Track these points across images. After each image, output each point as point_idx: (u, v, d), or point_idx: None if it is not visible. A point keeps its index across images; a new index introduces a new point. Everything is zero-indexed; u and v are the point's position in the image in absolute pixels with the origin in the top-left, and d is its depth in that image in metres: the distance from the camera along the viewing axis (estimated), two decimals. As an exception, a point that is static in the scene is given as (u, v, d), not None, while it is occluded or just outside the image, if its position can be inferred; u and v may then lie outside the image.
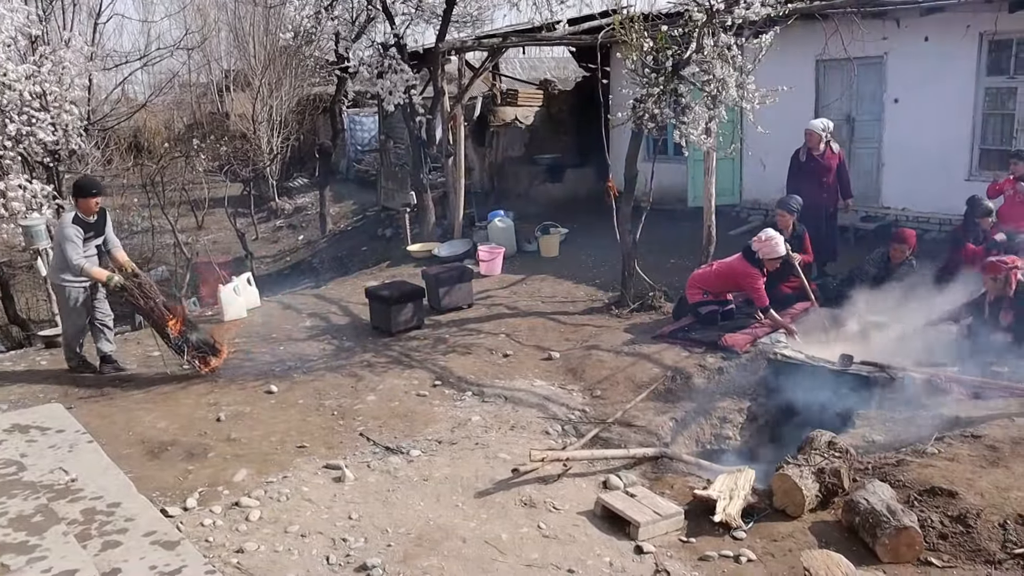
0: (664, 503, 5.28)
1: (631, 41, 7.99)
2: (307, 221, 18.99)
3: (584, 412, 6.97)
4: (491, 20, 17.26)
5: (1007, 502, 5.09)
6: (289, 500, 5.53)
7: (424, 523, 5.24)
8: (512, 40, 13.49)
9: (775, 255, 8.05)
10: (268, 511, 5.38)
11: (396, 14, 12.61)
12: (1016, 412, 6.15)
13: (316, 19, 13.06)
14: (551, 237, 12.16)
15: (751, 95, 8.00)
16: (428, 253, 12.48)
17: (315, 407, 7.18)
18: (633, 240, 9.17)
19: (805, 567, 4.43)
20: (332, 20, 13.11)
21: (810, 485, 5.27)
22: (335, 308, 10.47)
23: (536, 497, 5.52)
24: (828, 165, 9.55)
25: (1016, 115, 10.47)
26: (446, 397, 7.29)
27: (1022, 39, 10.22)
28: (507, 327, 9.02)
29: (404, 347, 8.63)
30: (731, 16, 7.69)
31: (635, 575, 4.74)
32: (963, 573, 4.66)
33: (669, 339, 8.13)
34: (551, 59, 27.84)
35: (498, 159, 15.98)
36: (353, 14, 14.00)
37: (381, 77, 12.20)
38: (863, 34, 10.04)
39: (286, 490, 5.64)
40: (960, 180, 10.75)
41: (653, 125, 8.19)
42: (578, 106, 15.99)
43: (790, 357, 7.51)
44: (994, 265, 6.99)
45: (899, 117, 11.38)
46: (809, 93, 11.99)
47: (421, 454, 6.20)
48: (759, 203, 12.74)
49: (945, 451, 5.77)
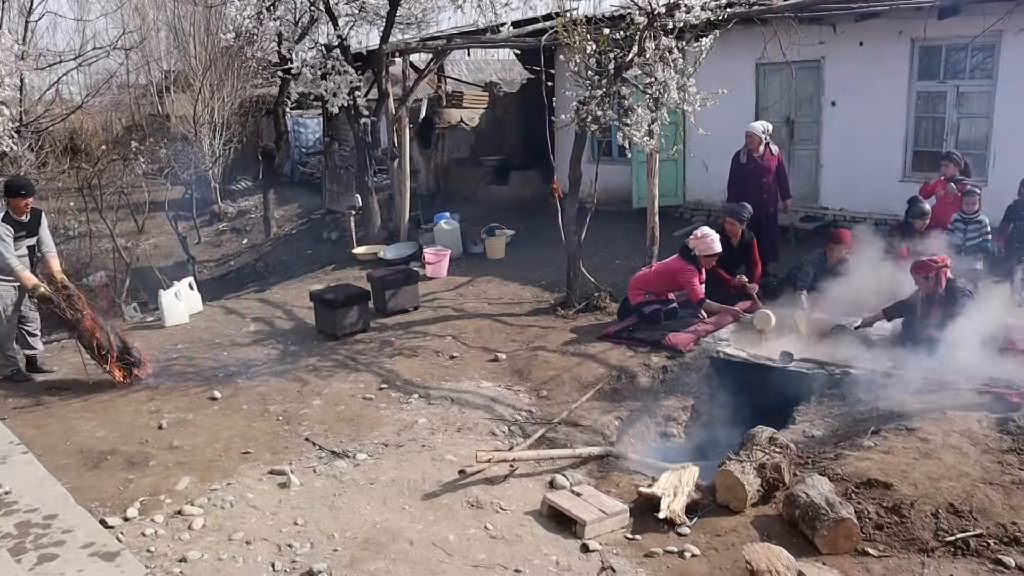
0: (610, 501, 5.33)
1: (574, 44, 8.05)
2: (251, 224, 18.72)
3: (530, 412, 7.00)
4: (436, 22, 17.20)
5: (939, 492, 5.25)
6: (233, 507, 5.46)
7: (371, 527, 5.22)
8: (456, 42, 13.49)
9: (710, 252, 8.20)
10: (212, 519, 5.30)
11: (339, 15, 12.52)
12: (947, 405, 6.34)
13: (258, 19, 12.88)
14: (497, 239, 12.19)
15: (692, 97, 8.11)
16: (374, 256, 12.41)
17: (260, 412, 7.10)
18: (578, 241, 9.24)
19: (747, 560, 4.51)
20: (274, 21, 12.95)
21: (752, 480, 5.38)
22: (280, 312, 10.36)
23: (483, 498, 5.53)
24: (767, 166, 9.75)
25: (946, 118, 10.80)
26: (392, 400, 7.26)
27: (951, 45, 10.55)
28: (453, 329, 9.02)
29: (350, 350, 8.57)
30: (672, 20, 7.80)
31: (581, 573, 4.78)
32: (898, 562, 4.79)
33: (614, 339, 8.21)
34: (497, 61, 27.89)
35: (444, 161, 15.96)
36: (296, 15, 13.84)
37: (325, 79, 12.09)
38: (801, 38, 10.23)
39: (230, 497, 5.57)
40: (895, 181, 11.06)
41: (596, 127, 8.27)
42: (523, 108, 16.05)
43: (732, 355, 7.66)
44: (924, 264, 7.19)
45: (836, 119, 11.65)
46: (750, 96, 12.21)
47: (367, 458, 6.17)
48: (702, 204, 12.93)
49: (881, 444, 5.92)
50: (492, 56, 27.13)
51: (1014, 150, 9.99)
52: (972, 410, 6.22)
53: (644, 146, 8.36)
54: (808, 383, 7.08)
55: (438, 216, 12.86)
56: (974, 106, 10.63)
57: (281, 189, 19.71)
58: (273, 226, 17.59)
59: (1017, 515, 5.08)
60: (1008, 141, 10.12)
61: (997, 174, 10.17)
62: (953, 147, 10.36)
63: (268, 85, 21.73)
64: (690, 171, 12.93)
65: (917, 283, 7.32)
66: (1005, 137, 10.17)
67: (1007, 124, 10.15)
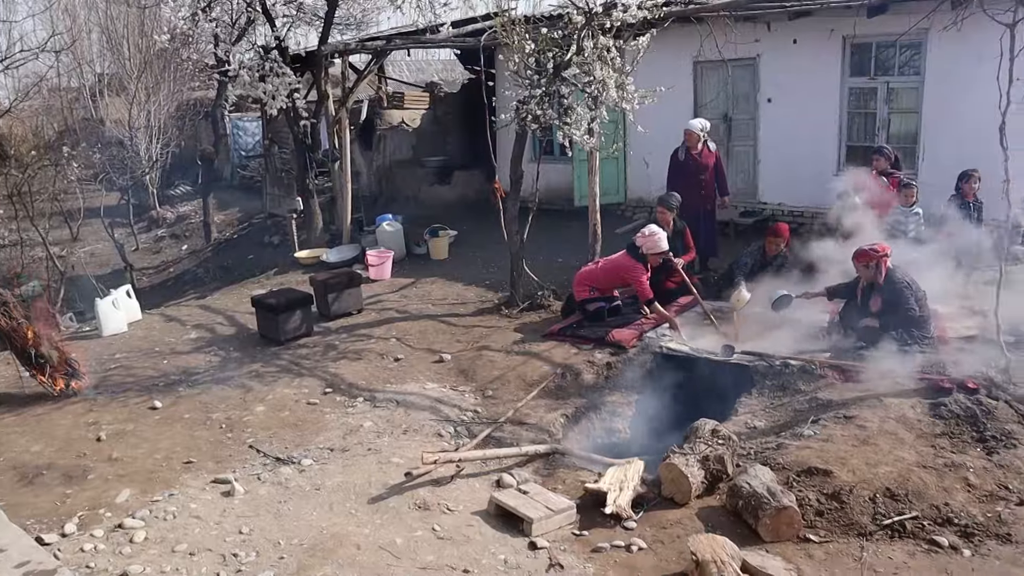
0: (556, 498, 5.37)
1: (513, 43, 8.08)
2: (191, 230, 18.38)
3: (476, 412, 7.01)
4: (376, 23, 17.11)
5: (876, 477, 5.40)
6: (176, 518, 5.38)
7: (317, 532, 5.18)
8: (396, 43, 13.41)
9: (658, 250, 8.29)
10: (154, 531, 5.22)
11: (277, 16, 12.36)
12: (884, 393, 6.52)
13: (193, 21, 12.65)
14: (440, 239, 12.17)
15: (631, 96, 8.19)
16: (316, 259, 12.29)
17: (202, 421, 7.00)
18: (521, 240, 9.27)
19: (692, 552, 4.58)
20: (210, 22, 12.72)
21: (696, 472, 5.46)
22: (221, 318, 10.20)
23: (430, 499, 5.53)
24: (705, 163, 9.90)
25: (877, 114, 11.07)
26: (337, 404, 7.21)
27: (880, 42, 10.82)
28: (398, 331, 8.98)
29: (293, 355, 8.48)
30: (609, 19, 7.86)
31: (530, 571, 4.80)
32: (838, 546, 4.92)
33: (558, 337, 8.25)
34: (438, 61, 27.81)
35: (386, 162, 15.86)
36: (232, 16, 13.62)
37: (263, 81, 11.93)
38: (736, 37, 10.41)
39: (173, 508, 5.49)
40: (829, 175, 11.26)
41: (537, 126, 8.31)
42: (465, 108, 16.01)
43: (675, 350, 7.75)
44: (865, 253, 7.34)
45: (773, 116, 11.87)
46: (688, 93, 12.36)
47: (313, 463, 6.11)
48: (643, 201, 13.05)
49: (820, 433, 6.07)
50: (433, 56, 27.05)
51: (941, 144, 10.29)
52: (906, 397, 6.40)
53: (584, 145, 8.42)
54: (750, 375, 7.21)
55: (381, 218, 12.78)
56: (903, 102, 10.91)
57: (221, 193, 19.41)
58: (213, 231, 17.30)
59: (950, 496, 5.25)
60: (935, 135, 10.42)
61: (926, 167, 10.47)
62: (884, 142, 10.63)
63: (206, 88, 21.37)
64: (631, 169, 13.05)
65: (858, 271, 7.46)
66: (933, 131, 10.47)
67: (934, 119, 10.44)
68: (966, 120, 9.56)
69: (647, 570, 4.77)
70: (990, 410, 6.08)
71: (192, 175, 20.83)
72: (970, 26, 7.58)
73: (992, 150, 6.71)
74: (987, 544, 4.85)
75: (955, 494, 5.28)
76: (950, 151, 9.98)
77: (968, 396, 6.27)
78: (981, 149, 7.92)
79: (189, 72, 20.41)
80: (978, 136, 7.81)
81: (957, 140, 9.90)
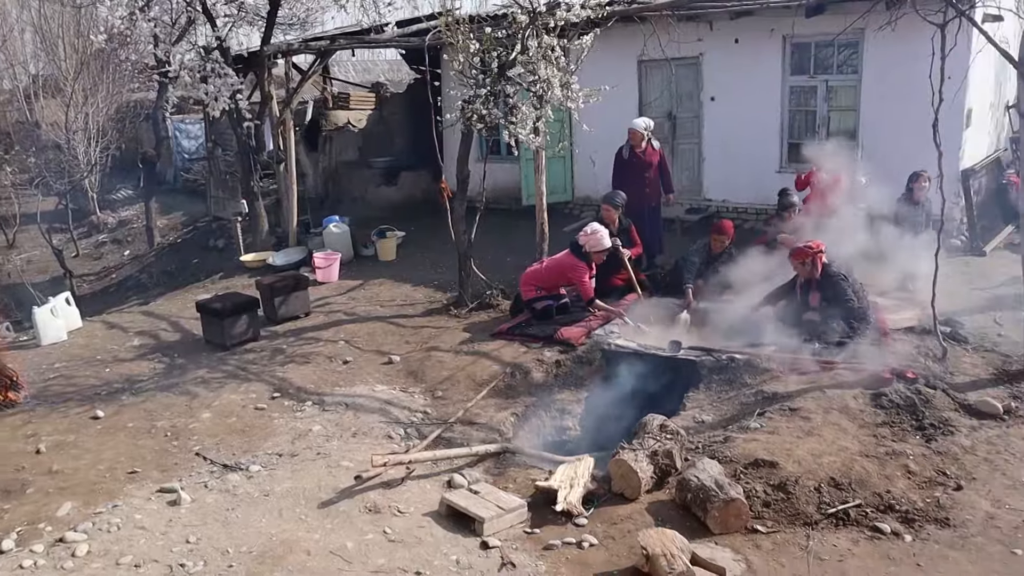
0: (507, 497, 5.38)
1: (457, 43, 8.07)
2: (133, 235, 17.98)
3: (426, 413, 6.99)
4: (321, 22, 16.92)
5: (821, 467, 5.51)
6: (121, 530, 5.27)
7: (267, 539, 5.11)
8: (340, 43, 13.29)
9: (601, 248, 8.35)
10: (97, 544, 5.11)
11: (218, 16, 12.15)
12: (827, 384, 6.65)
13: (130, 20, 12.37)
14: (388, 241, 12.09)
15: (576, 94, 8.23)
16: (262, 262, 12.13)
17: (146, 430, 6.87)
18: (468, 240, 9.26)
19: (642, 546, 4.62)
20: (149, 22, 12.46)
21: (645, 467, 5.51)
22: (165, 324, 10.00)
23: (380, 502, 5.50)
24: (649, 161, 10.00)
25: (818, 111, 11.29)
26: (285, 409, 7.12)
27: (819, 42, 11.03)
28: (346, 333, 8.90)
29: (240, 360, 8.36)
30: (553, 18, 7.90)
31: (482, 570, 4.80)
32: (785, 536, 5.01)
33: (507, 336, 8.27)
34: (384, 62, 27.59)
35: (332, 164, 15.71)
36: (172, 16, 13.36)
37: (205, 82, 11.73)
38: (680, 36, 10.53)
39: (117, 520, 5.38)
40: (772, 172, 11.48)
41: (482, 125, 8.31)
42: (411, 108, 15.93)
43: (623, 346, 7.82)
44: (801, 251, 7.51)
45: (716, 114, 12.02)
46: (633, 92, 12.46)
47: (261, 469, 6.04)
48: (591, 200, 13.12)
49: (766, 425, 6.17)
50: (379, 57, 26.85)
51: (879, 141, 10.54)
52: (849, 388, 6.54)
53: (530, 144, 8.44)
54: (697, 370, 7.30)
55: (327, 220, 12.65)
56: (842, 100, 11.14)
57: (164, 197, 19.02)
58: (156, 235, 16.95)
59: (891, 484, 5.38)
60: (873, 132, 10.67)
61: (864, 165, 10.70)
62: (824, 139, 10.83)
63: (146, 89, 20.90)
64: (578, 168, 13.11)
65: (795, 268, 7.63)
66: (871, 128, 10.71)
67: (872, 116, 10.69)
68: (902, 117, 9.79)
69: (598, 566, 4.80)
70: (928, 399, 6.26)
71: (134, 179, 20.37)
72: (904, 26, 7.76)
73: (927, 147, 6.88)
74: (927, 529, 4.98)
75: (896, 481, 5.41)
76: (887, 148, 10.23)
77: (907, 386, 6.44)
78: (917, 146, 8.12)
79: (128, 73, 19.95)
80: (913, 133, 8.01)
81: (894, 137, 10.15)
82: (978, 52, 8.53)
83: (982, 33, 6.89)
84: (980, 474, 5.47)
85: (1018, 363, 6.82)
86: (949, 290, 8.24)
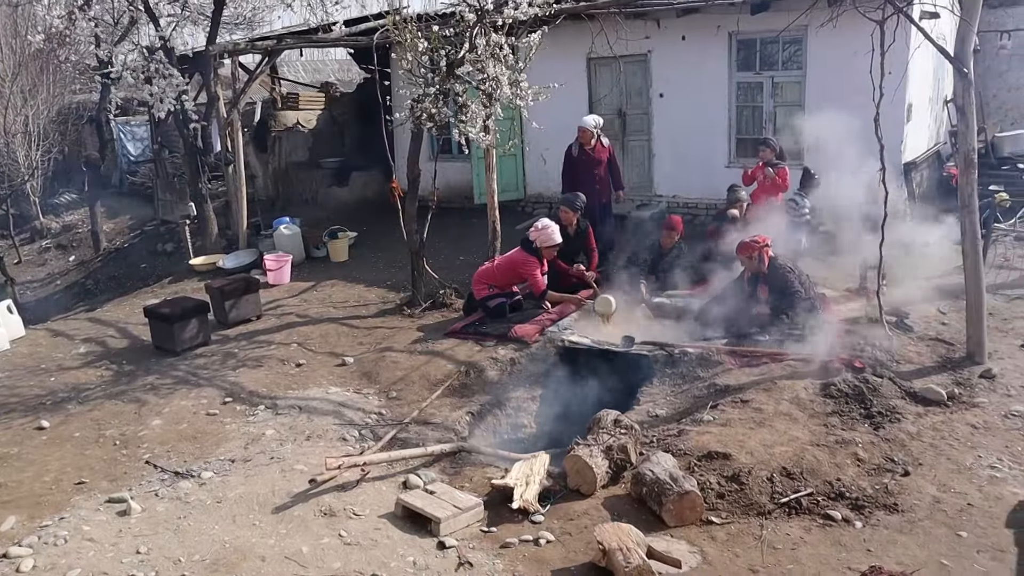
0: (463, 496, 5.37)
1: (405, 42, 8.02)
2: (78, 240, 17.58)
3: (381, 415, 6.94)
4: (269, 22, 16.70)
5: (773, 457, 5.60)
6: (68, 543, 5.16)
7: (220, 547, 5.04)
8: (288, 42, 13.13)
9: (551, 243, 8.37)
10: (43, 558, 4.99)
11: (161, 15, 11.94)
12: (777, 376, 6.76)
13: (69, 19, 12.08)
14: (340, 241, 11.98)
15: (525, 92, 8.24)
16: (212, 266, 11.94)
17: (94, 439, 6.73)
18: (421, 240, 9.22)
19: (599, 541, 4.65)
20: (89, 21, 12.19)
21: (600, 463, 5.54)
22: (113, 331, 9.80)
23: (336, 505, 5.45)
24: (599, 159, 10.04)
25: (764, 107, 11.45)
26: (238, 413, 7.03)
27: (764, 38, 11.19)
28: (299, 336, 8.80)
29: (191, 365, 8.22)
30: (501, 16, 7.89)
31: (439, 571, 4.79)
32: (739, 527, 5.08)
33: (461, 335, 8.25)
34: (334, 61, 27.33)
35: (282, 165, 15.52)
36: (114, 15, 13.07)
37: (149, 83, 11.51)
38: (627, 33, 10.60)
39: (64, 532, 5.26)
40: (721, 167, 11.62)
41: (432, 124, 8.26)
42: (361, 108, 15.82)
43: (577, 343, 7.85)
44: (747, 245, 7.61)
45: (665, 111, 12.12)
46: (582, 90, 12.51)
47: (213, 475, 5.95)
48: (543, 197, 13.16)
49: (719, 418, 6.25)
50: (329, 56, 26.58)
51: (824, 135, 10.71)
52: (799, 378, 6.65)
53: (480, 142, 8.43)
54: (650, 364, 7.36)
55: (278, 221, 12.50)
56: (788, 95, 11.31)
57: (110, 201, 18.61)
58: (103, 240, 16.58)
59: (841, 472, 5.49)
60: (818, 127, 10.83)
61: (810, 158, 10.87)
62: (771, 134, 10.98)
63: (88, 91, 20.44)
64: (529, 165, 13.13)
65: (742, 263, 7.74)
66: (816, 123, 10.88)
67: (817, 111, 10.84)
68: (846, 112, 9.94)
69: (556, 562, 4.82)
70: (876, 387, 6.39)
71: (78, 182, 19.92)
72: (845, 23, 7.91)
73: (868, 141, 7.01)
74: (876, 515, 5.09)
75: (846, 469, 5.52)
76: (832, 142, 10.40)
77: (855, 375, 6.57)
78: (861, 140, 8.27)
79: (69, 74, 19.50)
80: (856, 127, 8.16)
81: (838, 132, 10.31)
82: (916, 48, 8.72)
83: (919, 30, 7.04)
84: (926, 459, 5.61)
85: (960, 351, 6.99)
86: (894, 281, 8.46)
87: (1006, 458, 5.60)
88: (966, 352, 6.93)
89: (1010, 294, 8.33)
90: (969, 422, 6.03)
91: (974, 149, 6.76)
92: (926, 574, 4.32)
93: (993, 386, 6.49)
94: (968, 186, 6.73)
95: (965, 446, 5.75)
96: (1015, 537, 4.82)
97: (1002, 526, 4.93)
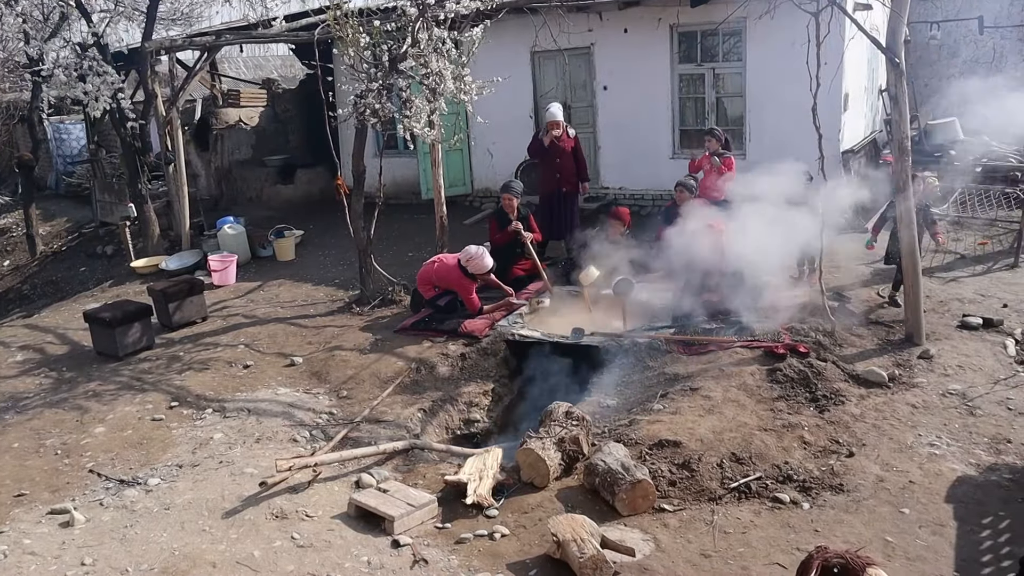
0: (417, 494, 5.35)
1: (347, 37, 7.93)
2: (13, 244, 17.07)
3: (332, 414, 6.87)
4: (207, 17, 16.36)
5: (722, 443, 5.69)
6: (7, 557, 5.03)
7: (169, 555, 4.95)
8: (227, 38, 12.88)
9: (483, 270, 8.30)
10: (-18, 574, 4.84)
11: (93, 11, 11.63)
12: (725, 363, 6.86)
13: (-5, 15, 11.69)
14: (286, 240, 11.83)
15: (469, 87, 8.21)
16: (155, 268, 11.69)
17: (34, 449, 6.54)
18: (368, 237, 9.14)
19: (553, 533, 4.67)
20: (17, 17, 11.81)
21: (552, 455, 5.57)
22: (52, 337, 9.53)
23: (287, 508, 5.39)
24: (564, 148, 10.06)
25: (706, 98, 11.59)
26: (185, 418, 6.90)
27: (704, 31, 11.32)
28: (246, 337, 8.67)
29: (134, 370, 8.05)
30: (443, 10, 7.85)
31: (394, 569, 4.77)
32: (691, 513, 5.15)
33: (411, 332, 8.20)
34: (276, 57, 26.95)
35: (224, 163, 15.26)
36: (44, 10, 12.69)
37: (83, 80, 11.21)
38: (570, 26, 10.63)
39: (3, 547, 5.14)
40: (665, 159, 11.75)
41: (376, 120, 8.20)
42: (305, 104, 15.63)
43: (527, 336, 7.87)
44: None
45: (609, 103, 12.20)
46: (527, 83, 12.53)
47: (160, 482, 5.84)
48: (490, 191, 13.15)
49: (669, 406, 6.32)
50: (271, 52, 26.21)
51: (764, 124, 10.92)
52: (746, 365, 6.75)
53: (425, 137, 8.37)
54: (601, 355, 7.41)
55: (222, 221, 12.28)
56: (729, 87, 11.47)
57: (45, 203, 18.12)
58: (39, 244, 16.13)
59: (789, 455, 5.60)
60: (759, 117, 11.02)
61: (753, 148, 11.07)
62: (714, 124, 11.13)
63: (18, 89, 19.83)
64: (476, 160, 13.11)
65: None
66: (756, 113, 11.07)
67: (757, 102, 11.04)
68: (784, 103, 10.13)
69: (511, 555, 4.83)
70: (820, 371, 6.54)
71: (11, 185, 19.37)
72: (782, 14, 8.05)
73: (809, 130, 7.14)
74: (823, 496, 5.21)
75: (793, 452, 5.63)
76: (773, 132, 10.60)
77: (800, 360, 6.70)
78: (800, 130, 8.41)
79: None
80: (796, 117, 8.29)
81: (777, 122, 10.51)
82: (851, 39, 8.89)
83: (853, 21, 7.19)
84: (869, 440, 5.75)
85: (900, 333, 7.18)
86: (835, 266, 8.64)
87: (944, 435, 5.78)
88: (905, 334, 7.12)
89: (945, 276, 8.56)
90: (909, 402, 6.20)
91: (907, 137, 6.92)
92: (871, 551, 4.43)
93: (931, 366, 6.67)
94: (903, 172, 6.90)
95: (906, 426, 5.91)
96: (955, 512, 4.98)
97: (942, 501, 5.09)
